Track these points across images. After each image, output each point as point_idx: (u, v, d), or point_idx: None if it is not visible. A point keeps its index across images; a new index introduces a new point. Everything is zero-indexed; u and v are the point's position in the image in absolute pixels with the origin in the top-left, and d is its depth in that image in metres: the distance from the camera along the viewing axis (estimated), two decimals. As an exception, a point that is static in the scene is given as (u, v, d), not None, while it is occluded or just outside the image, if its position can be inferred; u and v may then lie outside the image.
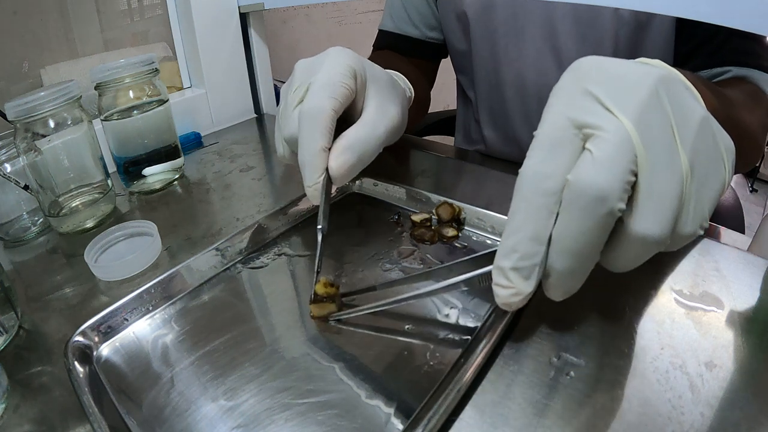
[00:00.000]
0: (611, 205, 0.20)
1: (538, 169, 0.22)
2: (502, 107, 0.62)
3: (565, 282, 0.23)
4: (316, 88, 0.34)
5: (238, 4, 0.65)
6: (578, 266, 0.23)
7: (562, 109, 0.22)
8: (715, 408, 0.23)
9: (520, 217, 0.22)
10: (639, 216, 0.21)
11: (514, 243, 0.22)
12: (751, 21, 0.30)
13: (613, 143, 0.20)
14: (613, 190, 0.20)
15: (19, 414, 0.27)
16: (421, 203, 0.42)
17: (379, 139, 0.35)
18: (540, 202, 0.22)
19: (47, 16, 0.58)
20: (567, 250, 0.22)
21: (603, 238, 0.22)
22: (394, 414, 0.24)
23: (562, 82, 0.23)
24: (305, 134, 0.34)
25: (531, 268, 0.22)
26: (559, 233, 0.22)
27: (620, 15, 0.49)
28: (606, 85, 0.21)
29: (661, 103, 0.21)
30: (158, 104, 0.50)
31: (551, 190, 0.21)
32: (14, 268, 0.41)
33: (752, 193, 1.98)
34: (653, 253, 0.23)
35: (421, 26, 0.65)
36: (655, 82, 0.21)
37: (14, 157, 0.42)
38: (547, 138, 0.22)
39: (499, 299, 0.24)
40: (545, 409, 0.24)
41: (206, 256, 0.36)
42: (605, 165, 0.20)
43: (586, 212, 0.21)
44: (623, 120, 0.20)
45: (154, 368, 0.29)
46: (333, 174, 0.34)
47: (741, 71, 0.45)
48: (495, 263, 0.23)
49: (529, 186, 0.22)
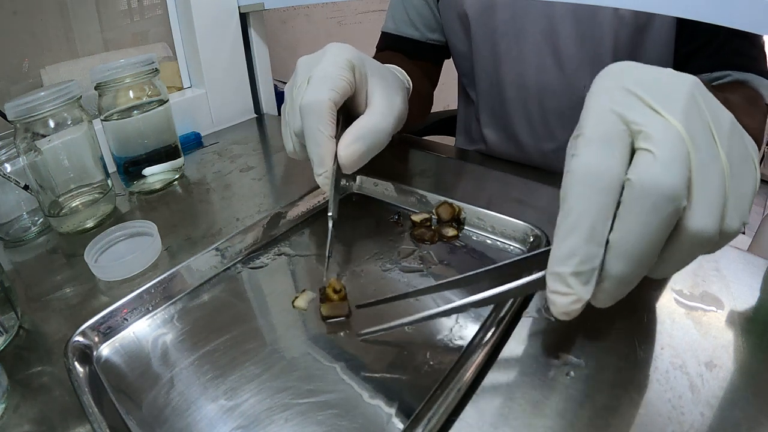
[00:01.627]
0: (678, 204, 0.20)
1: (592, 167, 0.21)
2: (502, 107, 0.62)
3: (620, 288, 0.22)
4: (315, 81, 0.35)
5: (238, 4, 0.65)
6: (636, 271, 0.22)
7: (607, 104, 0.21)
8: (715, 408, 0.23)
9: (577, 218, 0.21)
10: (694, 212, 0.20)
11: (572, 246, 0.21)
12: (751, 21, 0.30)
13: (671, 143, 0.20)
14: (680, 189, 0.20)
15: (19, 414, 0.27)
16: (421, 203, 0.42)
17: (388, 127, 0.37)
18: (599, 201, 0.20)
19: (47, 16, 0.58)
20: (629, 254, 0.21)
21: (664, 240, 0.21)
22: (395, 414, 0.24)
23: (598, 84, 0.23)
24: (309, 126, 0.35)
25: (590, 273, 0.21)
26: (621, 236, 0.21)
27: (620, 15, 0.49)
28: (646, 86, 0.21)
29: (699, 106, 0.21)
30: (158, 104, 0.50)
31: (609, 188, 0.20)
32: (14, 268, 0.41)
33: (752, 193, 1.98)
34: (699, 255, 0.22)
35: (421, 28, 0.65)
36: (692, 85, 0.21)
37: (14, 157, 0.42)
38: (597, 133, 0.21)
39: (556, 308, 0.22)
40: (545, 409, 0.24)
41: (206, 256, 0.36)
42: (670, 164, 0.20)
43: (653, 212, 0.20)
44: (671, 120, 0.20)
45: (154, 368, 0.29)
46: (343, 163, 0.35)
47: (740, 75, 0.46)
48: (550, 269, 0.22)
49: (584, 184, 0.21)
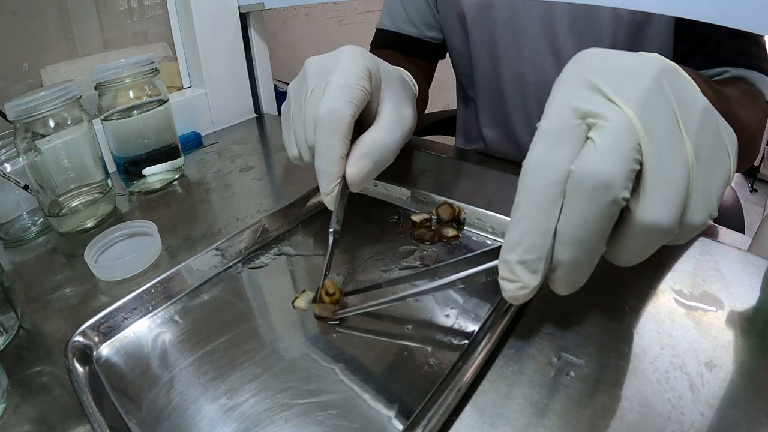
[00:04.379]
0: (615, 193, 0.20)
1: (541, 161, 0.21)
2: (501, 107, 0.62)
3: (571, 275, 0.23)
4: (333, 91, 0.32)
5: (238, 4, 0.65)
6: (584, 258, 0.22)
7: (565, 99, 0.22)
8: (715, 408, 0.23)
9: (524, 210, 0.22)
10: (646, 203, 0.21)
11: (518, 236, 0.22)
12: (751, 21, 0.30)
13: (615, 131, 0.20)
14: (617, 178, 0.20)
15: (19, 414, 0.27)
16: (421, 203, 0.42)
17: (395, 143, 0.35)
18: (544, 194, 0.21)
19: (47, 16, 0.58)
20: (572, 241, 0.22)
21: (608, 228, 0.22)
22: (395, 414, 0.24)
23: (564, 74, 0.23)
24: (322, 141, 0.33)
25: (537, 261, 0.22)
26: (564, 224, 0.22)
27: (618, 14, 0.49)
28: (608, 75, 0.21)
29: (663, 92, 0.21)
30: (158, 104, 0.50)
31: (555, 181, 0.21)
32: (14, 268, 0.41)
33: (752, 193, 1.98)
34: (660, 244, 0.22)
35: (420, 25, 0.65)
36: (657, 72, 0.21)
37: (14, 157, 0.42)
38: (551, 128, 0.22)
39: (505, 293, 0.24)
40: (545, 409, 0.24)
41: (206, 256, 0.36)
42: (608, 153, 0.20)
43: (590, 201, 0.20)
44: (625, 109, 0.20)
45: (154, 368, 0.29)
46: (350, 181, 0.33)
47: (738, 72, 0.46)
48: (500, 257, 0.23)
49: (532, 177, 0.22)
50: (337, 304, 0.31)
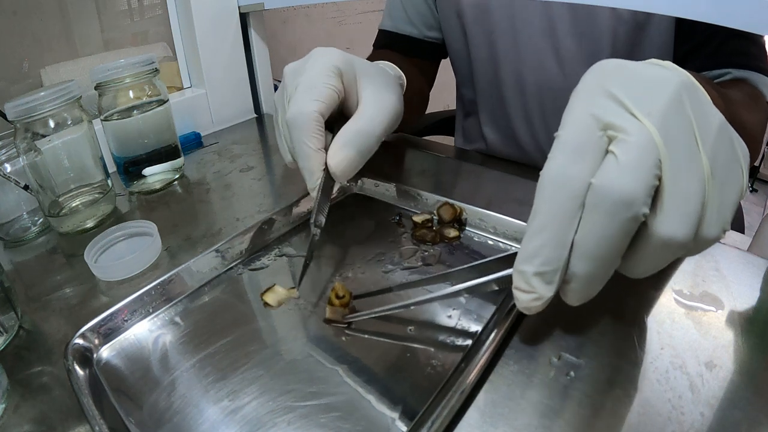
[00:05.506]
0: (636, 210, 0.20)
1: (562, 171, 0.21)
2: (501, 106, 0.62)
3: (586, 287, 0.23)
4: (298, 93, 0.34)
5: (238, 4, 0.65)
6: (600, 271, 0.22)
7: (586, 109, 0.22)
8: (715, 408, 0.23)
9: (542, 220, 0.22)
10: (663, 218, 0.21)
11: (535, 247, 0.22)
12: (751, 21, 0.30)
13: (638, 147, 0.20)
14: (639, 195, 0.20)
15: (19, 414, 0.27)
16: (423, 204, 0.42)
17: (377, 129, 0.35)
18: (564, 206, 0.21)
19: (47, 16, 0.58)
20: (590, 255, 0.21)
21: (625, 243, 0.21)
22: (398, 416, 0.24)
23: (583, 84, 0.23)
24: (295, 141, 0.35)
25: (553, 273, 0.22)
26: (582, 237, 0.21)
27: (619, 14, 0.49)
28: (628, 87, 0.21)
29: (683, 108, 0.21)
30: (158, 104, 0.50)
31: (575, 194, 0.21)
32: (14, 268, 0.41)
33: (752, 193, 1.98)
34: (674, 258, 0.22)
35: (419, 25, 0.65)
36: (678, 87, 0.21)
37: (14, 157, 0.42)
38: (571, 138, 0.21)
39: (519, 303, 0.23)
40: (545, 409, 0.24)
41: (207, 258, 0.36)
42: (630, 169, 0.20)
43: (610, 216, 0.20)
44: (647, 124, 0.20)
45: (155, 370, 0.28)
46: (333, 171, 0.34)
47: (740, 73, 0.46)
48: (516, 267, 0.23)
49: (552, 188, 0.21)
50: (347, 308, 0.30)
